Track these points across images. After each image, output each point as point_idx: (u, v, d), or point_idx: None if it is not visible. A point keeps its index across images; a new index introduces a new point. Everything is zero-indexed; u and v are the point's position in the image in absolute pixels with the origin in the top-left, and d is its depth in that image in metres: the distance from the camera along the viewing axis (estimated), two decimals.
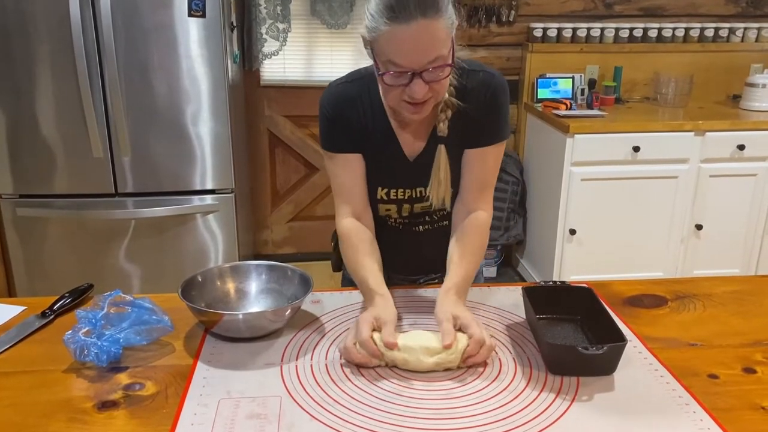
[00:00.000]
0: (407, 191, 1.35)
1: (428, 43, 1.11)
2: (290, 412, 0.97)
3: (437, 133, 1.29)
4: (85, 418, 0.96)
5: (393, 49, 1.11)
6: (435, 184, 1.31)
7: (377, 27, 1.11)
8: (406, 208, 1.37)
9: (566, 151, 2.95)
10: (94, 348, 1.07)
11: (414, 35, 1.09)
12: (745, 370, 1.10)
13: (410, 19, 1.08)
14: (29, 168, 2.68)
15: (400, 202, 1.36)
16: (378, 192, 1.35)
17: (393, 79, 1.15)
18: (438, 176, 1.30)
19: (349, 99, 1.30)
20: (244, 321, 1.17)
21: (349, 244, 1.31)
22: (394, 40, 1.10)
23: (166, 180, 2.75)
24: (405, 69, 1.12)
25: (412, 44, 1.10)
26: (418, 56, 1.11)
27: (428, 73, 1.13)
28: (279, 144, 3.55)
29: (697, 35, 3.45)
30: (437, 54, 1.12)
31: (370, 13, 1.12)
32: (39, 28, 2.50)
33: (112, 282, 2.77)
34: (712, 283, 1.44)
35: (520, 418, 0.96)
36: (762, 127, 3.01)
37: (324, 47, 3.41)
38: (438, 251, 1.38)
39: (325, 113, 1.31)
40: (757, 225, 3.16)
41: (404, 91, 1.16)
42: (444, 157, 1.29)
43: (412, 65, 1.12)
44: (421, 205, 1.37)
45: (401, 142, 1.32)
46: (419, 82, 1.13)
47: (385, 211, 1.38)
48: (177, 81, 2.63)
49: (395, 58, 1.12)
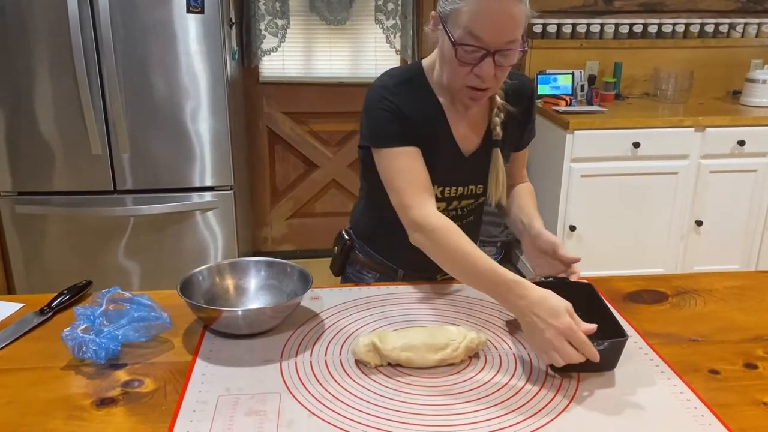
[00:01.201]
0: (459, 188, 1.36)
1: (511, 23, 1.13)
2: (289, 409, 0.97)
3: (492, 136, 1.32)
4: (84, 415, 0.96)
5: (478, 21, 1.12)
6: (494, 186, 1.35)
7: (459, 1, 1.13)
8: (454, 205, 1.39)
9: (566, 147, 2.94)
10: (92, 345, 1.07)
11: (502, 10, 1.11)
12: (746, 365, 1.10)
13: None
14: (28, 165, 2.67)
15: (450, 200, 1.37)
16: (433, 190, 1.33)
17: (466, 55, 1.15)
18: (497, 178, 1.34)
19: (408, 93, 1.28)
20: (243, 317, 1.16)
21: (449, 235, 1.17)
22: (481, 12, 1.12)
23: (165, 177, 2.74)
24: (482, 45, 1.14)
25: (498, 18, 1.12)
26: (500, 33, 1.13)
27: (501, 55, 1.15)
28: (278, 141, 3.54)
29: (697, 31, 3.44)
30: (515, 36, 1.14)
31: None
32: (37, 25, 2.50)
33: (111, 279, 2.76)
34: (713, 278, 1.44)
35: (520, 414, 0.96)
36: (762, 122, 3.01)
37: (323, 44, 3.41)
38: None
39: (386, 107, 1.25)
40: (757, 221, 3.16)
41: (472, 71, 1.17)
42: (501, 160, 1.33)
43: (492, 40, 1.13)
44: (467, 202, 1.39)
45: (456, 136, 1.33)
46: (489, 61, 1.15)
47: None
48: (176, 78, 2.62)
49: (478, 31, 1.13)
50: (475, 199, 1.41)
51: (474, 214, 1.45)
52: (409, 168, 1.24)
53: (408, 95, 1.28)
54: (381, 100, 1.26)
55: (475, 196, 1.40)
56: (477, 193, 1.39)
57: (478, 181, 1.38)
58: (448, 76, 1.23)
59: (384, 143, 1.26)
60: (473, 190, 1.38)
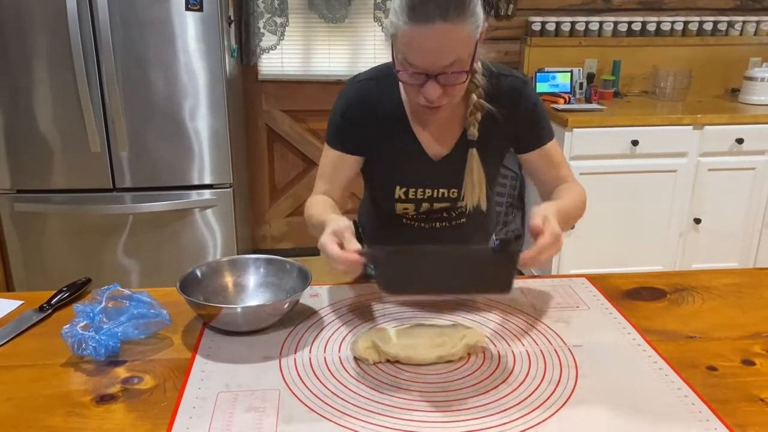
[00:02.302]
0: (427, 191, 1.34)
1: (445, 48, 1.09)
2: (289, 405, 0.97)
3: (468, 137, 1.28)
4: (84, 412, 0.96)
5: (409, 49, 1.10)
6: (469, 188, 1.30)
7: (397, 24, 1.10)
8: (424, 207, 1.37)
9: (565, 145, 2.94)
10: (92, 342, 1.07)
11: (431, 38, 1.08)
12: (744, 362, 1.10)
13: (429, 21, 1.06)
14: (27, 163, 2.67)
15: (419, 202, 1.36)
16: (396, 191, 1.34)
17: (408, 78, 1.14)
18: (472, 180, 1.30)
19: (367, 99, 1.29)
20: (242, 315, 1.16)
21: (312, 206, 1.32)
22: (410, 40, 1.09)
23: (164, 175, 2.74)
24: (420, 70, 1.11)
25: (428, 47, 1.09)
26: (434, 59, 1.10)
27: (444, 77, 1.12)
28: (277, 139, 3.54)
29: (696, 29, 3.44)
30: (455, 58, 1.10)
31: (393, 8, 1.11)
32: (35, 23, 2.49)
33: (111, 277, 2.74)
34: (711, 275, 1.44)
35: (518, 411, 0.96)
36: (761, 120, 3.01)
37: (322, 41, 3.40)
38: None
39: (341, 109, 1.31)
40: (756, 219, 3.16)
41: (419, 91, 1.15)
42: (477, 160, 1.28)
43: (426, 67, 1.11)
44: (441, 204, 1.36)
45: (423, 143, 1.31)
46: (433, 84, 1.12)
47: (402, 210, 1.38)
48: (174, 75, 2.62)
49: (411, 58, 1.11)
50: (452, 203, 1.36)
51: (466, 217, 1.40)
52: (329, 166, 1.36)
53: (370, 101, 1.29)
54: (340, 101, 1.32)
55: (449, 200, 1.35)
56: (451, 197, 1.35)
57: (451, 185, 1.33)
58: (404, 91, 1.25)
59: (329, 141, 1.36)
60: (444, 194, 1.34)
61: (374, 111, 1.29)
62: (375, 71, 1.33)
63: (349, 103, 1.31)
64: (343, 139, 1.33)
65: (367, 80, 1.31)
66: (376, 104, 1.29)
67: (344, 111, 1.31)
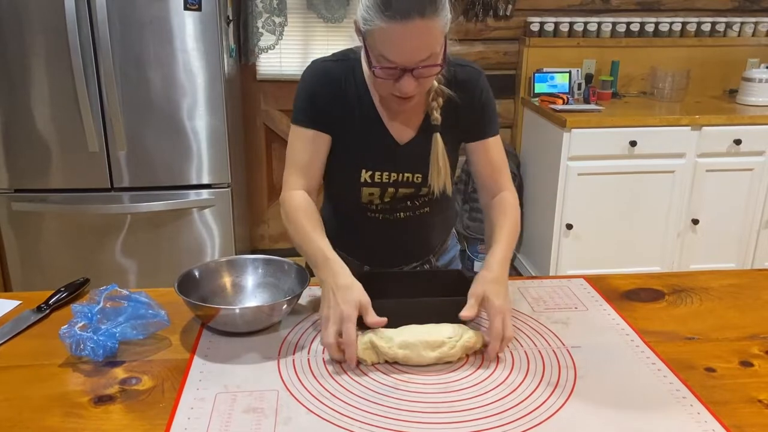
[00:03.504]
0: (393, 175, 1.34)
1: (423, 43, 1.11)
2: (287, 406, 0.97)
3: (431, 122, 1.29)
4: (81, 413, 0.96)
5: (386, 46, 1.11)
6: (435, 172, 1.31)
7: (372, 20, 1.10)
8: (390, 192, 1.36)
9: (563, 145, 2.94)
10: (90, 342, 1.07)
11: (409, 34, 1.09)
12: (742, 363, 1.10)
13: (407, 18, 1.07)
14: (24, 163, 2.67)
15: (384, 186, 1.35)
16: (362, 174, 1.33)
17: (383, 74, 1.15)
18: (437, 164, 1.30)
19: (334, 79, 1.29)
20: (240, 315, 1.16)
21: (299, 216, 1.25)
22: (388, 37, 1.10)
23: (162, 174, 2.74)
24: (396, 66, 1.13)
25: (406, 43, 1.10)
26: (412, 55, 1.12)
27: (418, 71, 1.14)
28: (275, 139, 3.54)
29: (694, 30, 3.44)
30: (430, 53, 1.12)
31: (365, 3, 1.11)
32: (33, 22, 2.49)
33: (109, 277, 2.74)
34: (709, 276, 1.44)
35: (517, 412, 0.96)
36: (758, 121, 3.01)
37: (320, 41, 3.40)
38: (419, 239, 1.42)
39: (306, 87, 1.30)
40: (753, 219, 3.17)
41: (394, 85, 1.16)
42: (441, 145, 1.29)
43: (404, 63, 1.12)
44: (406, 190, 1.36)
45: (389, 127, 1.32)
46: (409, 78, 1.14)
47: (368, 196, 1.36)
48: (173, 75, 2.61)
49: (388, 54, 1.12)
50: (416, 188, 1.36)
51: (430, 206, 1.40)
52: (302, 149, 1.31)
53: (336, 82, 1.29)
54: (303, 80, 1.31)
55: (414, 185, 1.35)
56: (416, 182, 1.35)
57: (416, 170, 1.33)
58: (373, 85, 1.25)
59: (296, 121, 1.31)
60: (409, 178, 1.34)
61: (341, 91, 1.29)
62: (337, 55, 1.33)
63: (317, 82, 1.29)
64: (315, 117, 1.30)
65: (332, 62, 1.31)
66: (342, 84, 1.29)
67: (312, 89, 1.29)
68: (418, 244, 1.47)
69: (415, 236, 1.44)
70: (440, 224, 1.50)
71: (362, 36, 1.16)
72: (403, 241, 1.44)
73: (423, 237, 1.47)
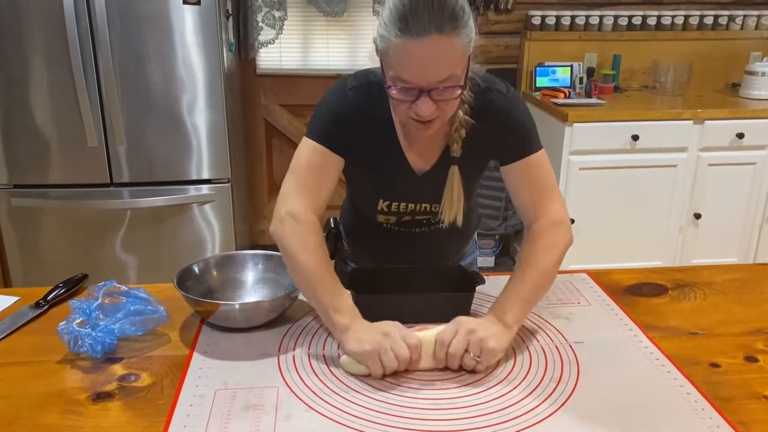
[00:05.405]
0: (410, 205, 1.30)
1: (440, 62, 1.03)
2: (287, 403, 0.96)
3: (450, 153, 1.23)
4: (80, 410, 0.95)
5: (401, 63, 1.04)
6: (447, 204, 1.25)
7: (388, 37, 1.03)
8: (406, 219, 1.34)
9: (565, 140, 2.93)
10: (88, 339, 1.06)
11: (426, 52, 1.02)
12: (747, 358, 1.09)
13: (423, 33, 1.00)
14: (24, 158, 2.66)
15: (401, 214, 1.33)
16: (379, 204, 1.31)
17: (399, 94, 1.07)
18: (451, 197, 1.24)
19: (361, 108, 1.21)
20: (240, 311, 1.15)
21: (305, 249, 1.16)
22: (403, 54, 1.03)
23: (161, 170, 2.73)
24: (412, 86, 1.05)
25: (422, 61, 1.03)
26: (428, 74, 1.04)
27: (437, 92, 1.06)
28: (275, 134, 3.53)
29: (696, 23, 3.43)
30: (449, 73, 1.04)
31: (383, 21, 1.04)
32: (32, 17, 2.47)
33: (108, 272, 2.75)
34: (713, 271, 1.43)
35: (519, 408, 0.96)
36: (761, 115, 3.00)
37: (320, 35, 3.39)
38: (432, 249, 1.39)
39: (335, 108, 1.22)
40: (756, 214, 3.15)
41: (411, 107, 1.09)
42: (457, 177, 1.23)
43: (420, 83, 1.04)
44: (422, 217, 1.33)
45: (409, 157, 1.26)
46: (426, 100, 1.06)
47: (383, 219, 1.35)
48: (172, 70, 2.60)
49: (403, 73, 1.04)
50: (433, 215, 1.32)
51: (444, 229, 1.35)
52: (314, 165, 1.21)
53: (362, 111, 1.21)
54: (332, 102, 1.23)
55: (432, 213, 1.32)
56: (434, 211, 1.30)
57: (434, 200, 1.28)
58: (392, 107, 1.17)
59: (311, 133, 1.24)
60: (427, 208, 1.30)
61: (365, 121, 1.23)
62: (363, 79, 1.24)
63: (349, 108, 1.22)
64: (339, 139, 1.22)
65: (360, 88, 1.23)
66: (367, 113, 1.23)
67: (343, 113, 1.22)
68: (433, 252, 1.41)
69: (430, 247, 1.40)
70: (459, 235, 1.45)
71: (380, 55, 1.10)
72: (414, 251, 1.40)
73: (440, 248, 1.42)
